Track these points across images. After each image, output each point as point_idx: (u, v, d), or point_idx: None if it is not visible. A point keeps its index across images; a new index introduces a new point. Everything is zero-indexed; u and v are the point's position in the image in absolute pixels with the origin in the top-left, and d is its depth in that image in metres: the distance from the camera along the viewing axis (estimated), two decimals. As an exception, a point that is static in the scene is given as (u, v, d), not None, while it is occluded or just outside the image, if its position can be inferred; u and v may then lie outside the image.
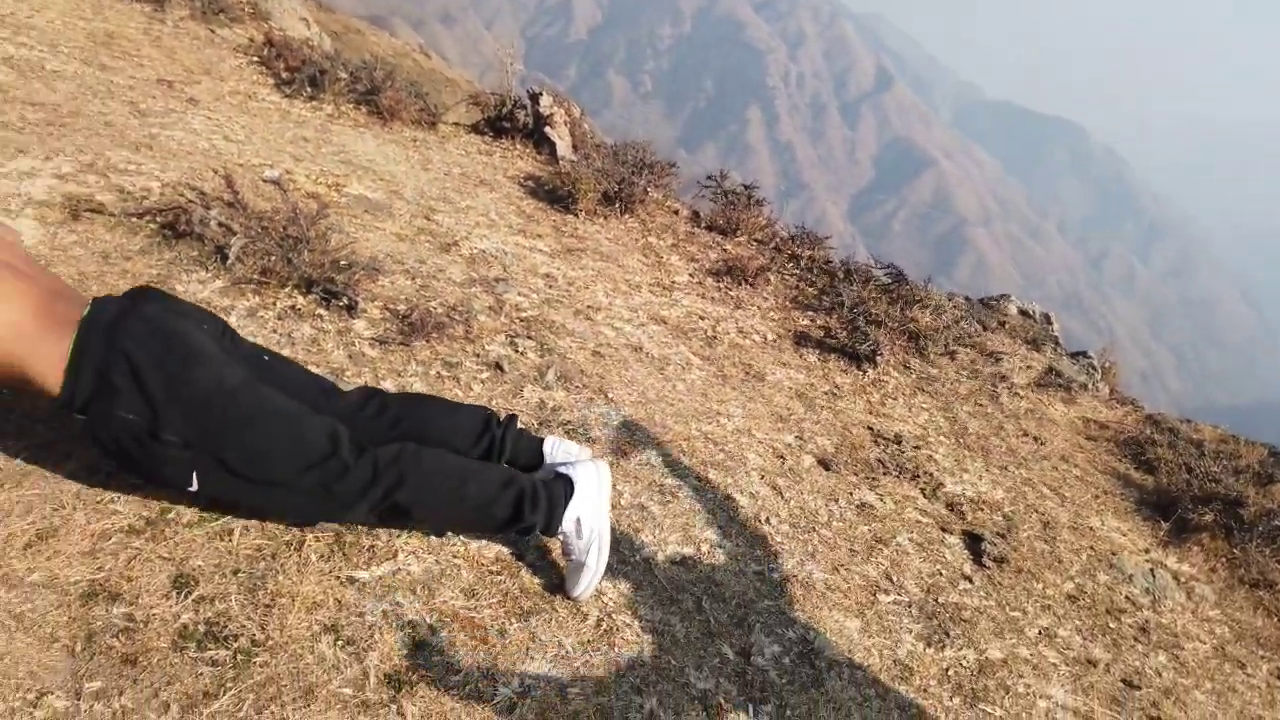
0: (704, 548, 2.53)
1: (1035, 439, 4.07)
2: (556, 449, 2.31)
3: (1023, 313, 5.51)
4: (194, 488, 1.85)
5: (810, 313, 4.46)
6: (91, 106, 4.02)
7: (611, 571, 2.26)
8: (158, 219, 3.12)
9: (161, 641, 1.68)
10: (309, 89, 5.24)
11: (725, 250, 4.93)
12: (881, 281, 4.90)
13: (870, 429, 3.59)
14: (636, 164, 5.29)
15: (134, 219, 3.10)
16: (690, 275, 4.52)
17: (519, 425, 2.33)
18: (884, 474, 3.29)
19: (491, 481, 2.05)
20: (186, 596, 1.79)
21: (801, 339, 4.18)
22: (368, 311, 3.07)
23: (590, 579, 2.12)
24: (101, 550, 1.82)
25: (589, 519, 2.11)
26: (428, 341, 3.01)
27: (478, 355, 3.07)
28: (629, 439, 2.90)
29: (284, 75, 5.40)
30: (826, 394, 3.77)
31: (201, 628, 1.73)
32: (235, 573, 1.87)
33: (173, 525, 1.94)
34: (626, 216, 4.96)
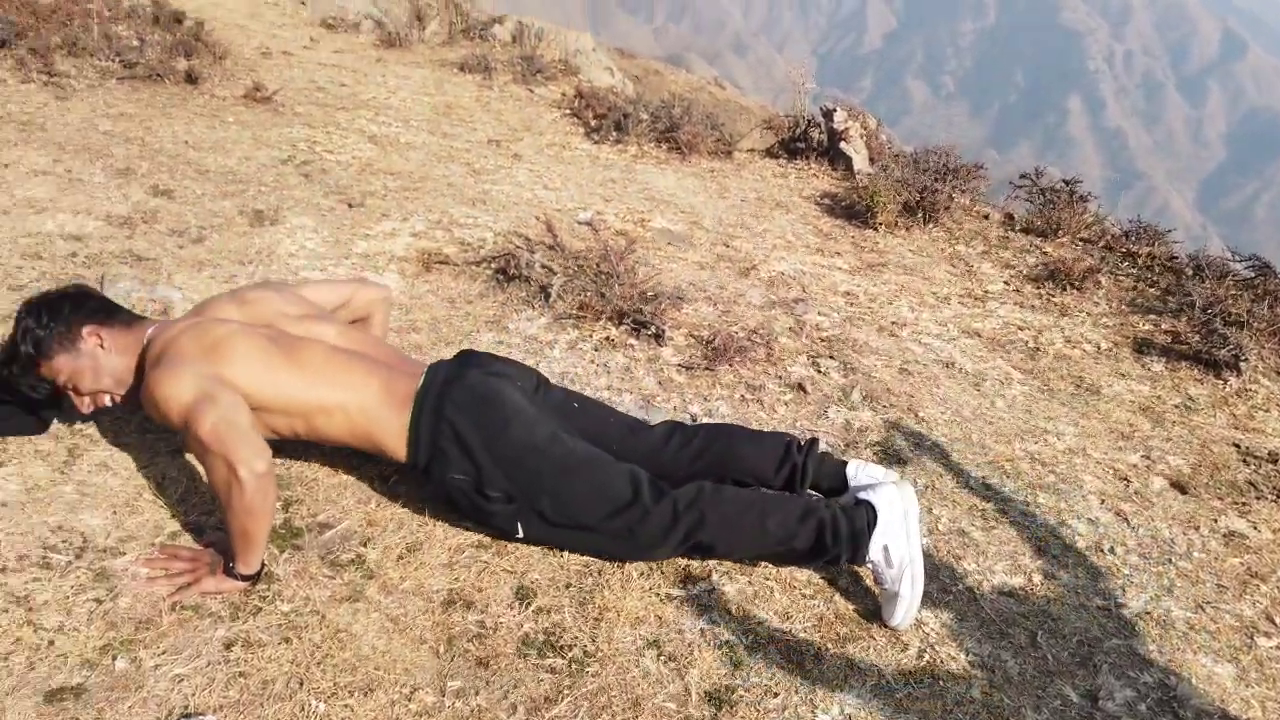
0: (1036, 578, 2.33)
1: None
2: (860, 472, 2.24)
3: None
4: (520, 535, 2.06)
5: (1152, 316, 3.98)
6: (437, 170, 4.59)
7: (931, 600, 2.15)
8: (492, 265, 3.48)
9: (508, 647, 1.85)
10: (615, 133, 5.60)
11: (1045, 254, 4.55)
12: (1242, 276, 4.25)
13: (1236, 446, 3.11)
14: (939, 170, 5.05)
15: (473, 266, 3.49)
16: (1005, 283, 4.22)
17: (821, 449, 2.30)
18: (1257, 498, 2.83)
19: (790, 514, 2.04)
20: (527, 607, 1.96)
21: (1143, 346, 3.73)
22: (674, 339, 3.20)
23: (907, 609, 2.03)
24: (457, 563, 2.05)
25: (897, 546, 2.02)
26: (731, 365, 3.07)
27: (780, 377, 3.08)
28: (944, 460, 2.75)
29: (592, 123, 5.82)
30: (1178, 407, 3.33)
31: (540, 637, 1.89)
32: (567, 587, 2.02)
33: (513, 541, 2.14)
34: (930, 226, 4.75)
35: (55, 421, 2.23)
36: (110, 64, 4.96)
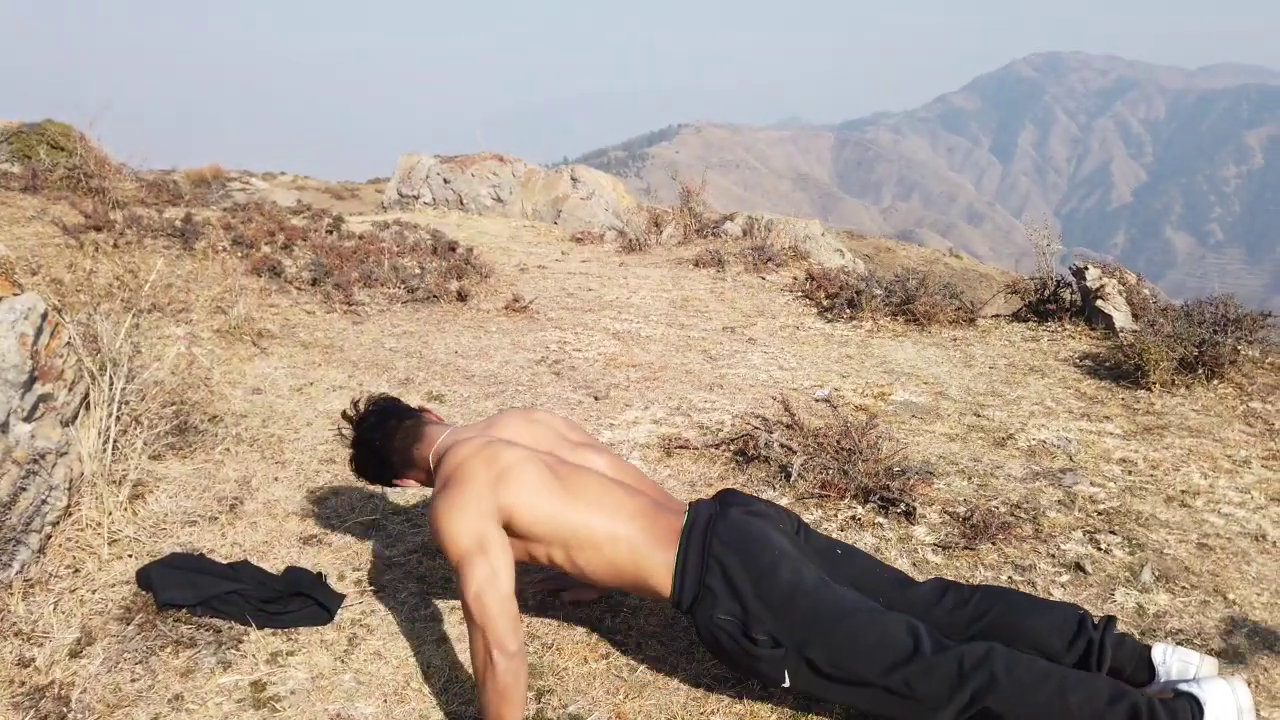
0: None
1: None
2: (1170, 658, 1.93)
3: None
4: (786, 684, 1.92)
5: None
6: (675, 360, 4.78)
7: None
8: (731, 447, 3.50)
9: None
10: (848, 310, 5.60)
11: (1367, 404, 3.92)
12: None
13: None
14: (1217, 321, 4.57)
15: (712, 449, 3.52)
16: (1320, 440, 3.65)
17: (1119, 629, 2.02)
18: None
19: (1098, 694, 1.76)
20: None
21: None
22: (926, 516, 3.01)
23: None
24: (704, 760, 1.95)
25: None
26: (993, 544, 2.83)
27: (1052, 555, 2.79)
28: (1269, 650, 2.32)
29: (824, 303, 5.88)
30: None
31: None
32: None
33: (762, 738, 2.01)
34: (1215, 382, 4.26)
35: (339, 611, 2.43)
36: (397, 290, 5.71)
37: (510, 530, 2.02)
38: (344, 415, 2.46)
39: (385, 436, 2.34)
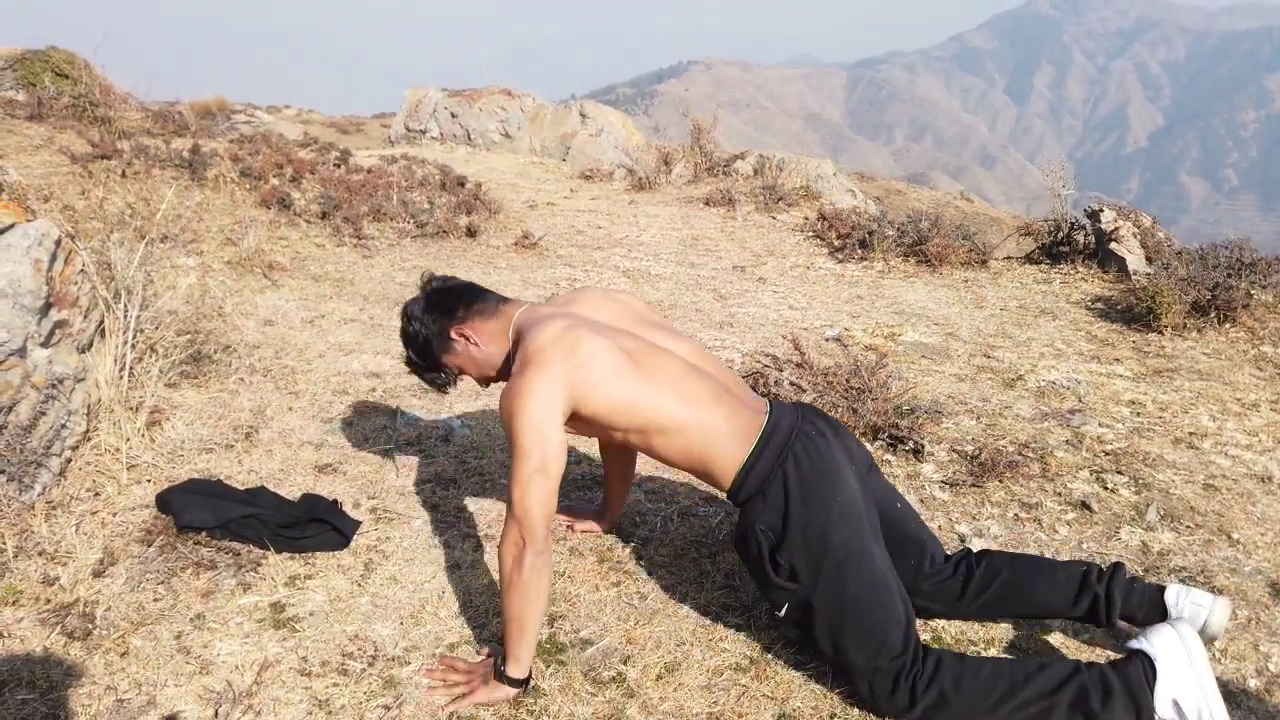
0: None
1: None
2: (1183, 600, 1.96)
3: None
4: (780, 614, 1.97)
5: None
6: (685, 298, 4.77)
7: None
8: (741, 384, 3.51)
9: (767, 778, 1.76)
10: (859, 251, 5.57)
11: (1379, 350, 3.91)
12: None
13: None
14: (1231, 265, 4.55)
15: (722, 387, 3.53)
16: (1330, 385, 3.65)
17: (1128, 574, 2.04)
18: None
19: (1047, 682, 1.78)
20: (787, 736, 1.86)
21: None
22: (934, 454, 3.03)
23: (1216, 765, 1.71)
24: (716, 685, 2.00)
25: (1189, 697, 1.72)
26: (1001, 481, 2.85)
27: (1059, 494, 2.82)
28: (1270, 588, 2.36)
29: (835, 243, 5.84)
30: None
31: (801, 769, 1.78)
32: (831, 717, 1.90)
33: (773, 665, 2.06)
34: (1227, 326, 4.25)
35: (355, 538, 2.47)
36: (406, 225, 5.68)
37: (585, 415, 2.00)
38: (420, 287, 2.31)
39: (457, 306, 2.21)
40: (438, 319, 2.20)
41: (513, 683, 1.91)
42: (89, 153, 4.99)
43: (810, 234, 6.20)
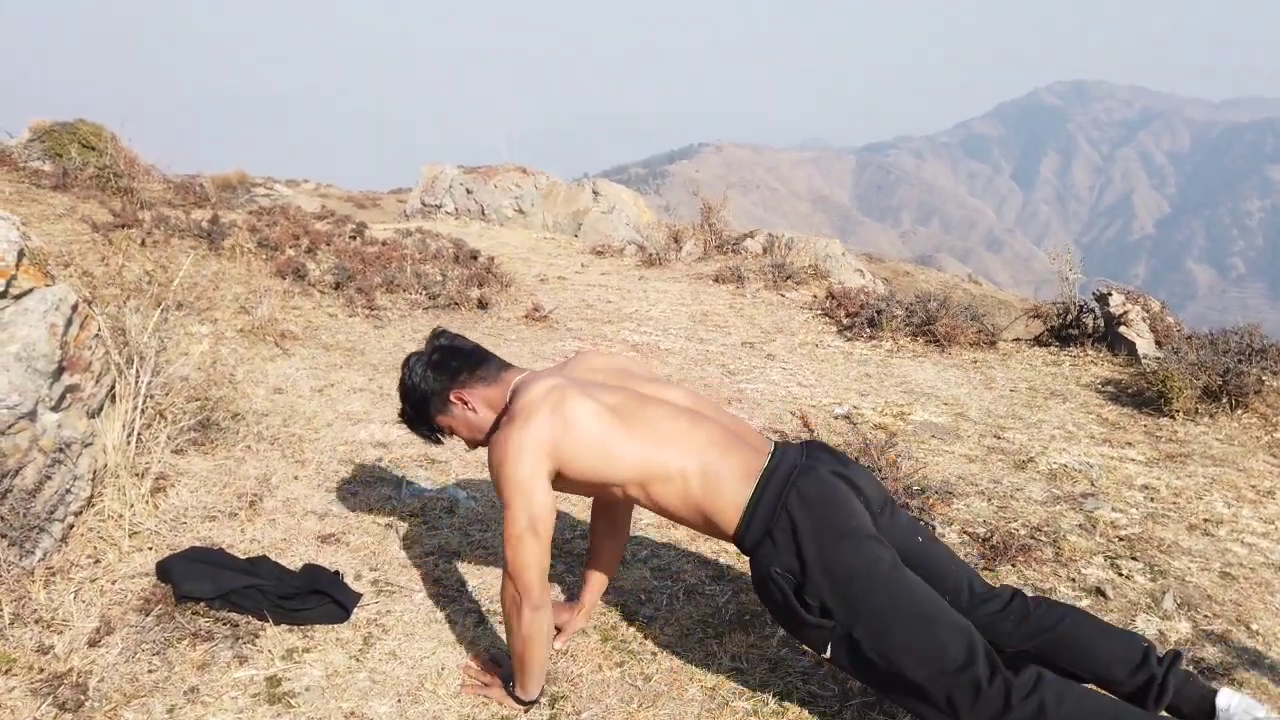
0: None
1: None
2: (1236, 707, 1.86)
3: None
4: (826, 655, 1.89)
5: None
6: (693, 373, 4.77)
7: None
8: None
9: None
10: (868, 329, 5.59)
11: (1395, 438, 3.87)
12: None
13: None
14: (1242, 351, 4.54)
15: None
16: (1346, 473, 3.60)
17: (1185, 666, 1.95)
18: None
19: None
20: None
21: None
22: (945, 536, 2.98)
23: None
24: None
25: None
26: (1014, 565, 2.80)
27: (1073, 579, 2.76)
28: (1295, 684, 2.29)
29: (844, 321, 5.86)
30: None
31: None
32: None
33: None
34: (1239, 412, 4.22)
35: (355, 610, 2.43)
36: (418, 296, 5.74)
37: (575, 473, 2.00)
38: (428, 339, 2.30)
39: (461, 368, 2.19)
40: (439, 378, 2.20)
41: (522, 702, 2.09)
42: (110, 222, 5.09)
43: (819, 312, 6.23)
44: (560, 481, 2.03)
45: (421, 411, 2.25)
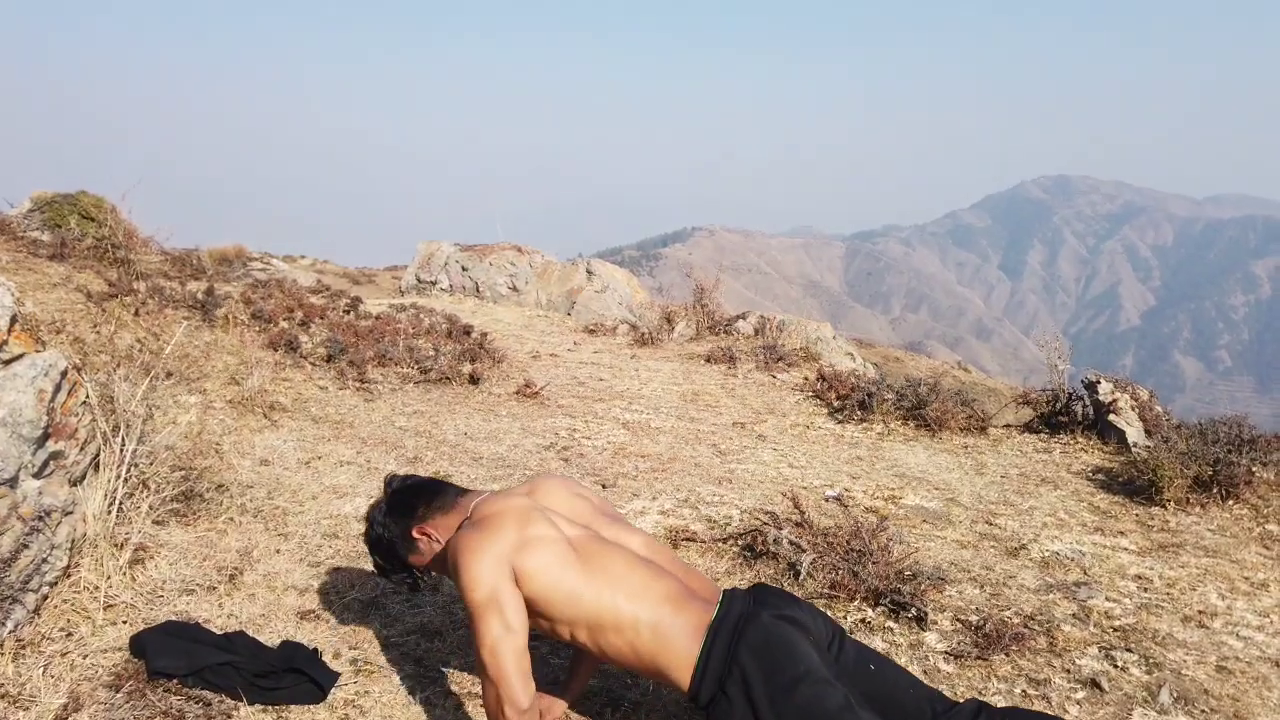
0: None
1: None
2: None
3: None
4: None
5: None
6: (684, 452, 4.75)
7: None
8: (739, 542, 3.45)
9: None
10: (859, 412, 5.60)
11: (1386, 532, 3.85)
12: None
13: None
14: (1231, 441, 4.55)
15: (720, 544, 3.47)
16: (1340, 567, 3.57)
17: None
18: None
19: None
20: None
21: None
22: (938, 623, 2.93)
23: None
24: None
25: None
26: (1007, 655, 2.75)
27: (1068, 670, 2.71)
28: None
29: (835, 403, 5.87)
30: None
31: None
32: None
33: None
34: (1230, 503, 4.20)
35: (333, 690, 2.36)
36: (410, 370, 5.74)
37: (525, 598, 1.98)
38: (383, 487, 2.38)
39: (417, 504, 2.25)
40: (399, 520, 2.26)
41: None
42: (105, 291, 5.11)
43: (810, 394, 6.25)
44: None
45: (391, 558, 2.31)
